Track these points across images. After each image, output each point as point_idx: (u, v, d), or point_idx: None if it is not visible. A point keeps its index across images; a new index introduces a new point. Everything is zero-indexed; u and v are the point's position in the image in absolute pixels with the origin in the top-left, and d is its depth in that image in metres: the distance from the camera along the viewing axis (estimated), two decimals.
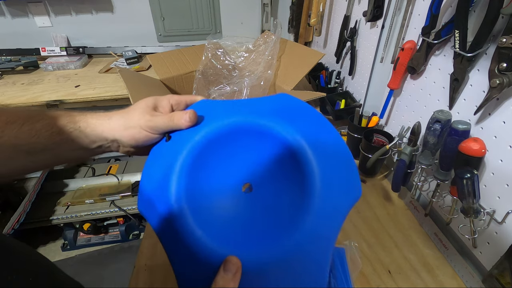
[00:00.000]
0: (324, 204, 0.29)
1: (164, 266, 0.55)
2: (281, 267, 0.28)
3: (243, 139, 0.33)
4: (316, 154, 0.31)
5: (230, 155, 0.33)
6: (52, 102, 1.15)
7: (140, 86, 0.81)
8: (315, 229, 0.28)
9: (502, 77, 0.40)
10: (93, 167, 1.56)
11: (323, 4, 1.03)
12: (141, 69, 1.41)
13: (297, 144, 0.31)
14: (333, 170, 0.31)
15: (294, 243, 0.27)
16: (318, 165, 0.30)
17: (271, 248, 0.28)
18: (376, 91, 0.84)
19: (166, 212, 0.30)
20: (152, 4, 1.53)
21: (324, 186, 0.29)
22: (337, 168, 0.31)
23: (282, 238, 0.28)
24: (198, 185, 0.31)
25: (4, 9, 1.43)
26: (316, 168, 0.30)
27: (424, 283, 0.51)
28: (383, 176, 0.75)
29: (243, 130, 0.33)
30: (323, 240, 0.28)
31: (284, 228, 0.28)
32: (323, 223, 0.28)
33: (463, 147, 0.44)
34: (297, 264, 0.28)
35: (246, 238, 0.29)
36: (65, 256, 1.32)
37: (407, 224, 0.62)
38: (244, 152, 0.33)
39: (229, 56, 1.03)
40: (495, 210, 0.45)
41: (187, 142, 0.32)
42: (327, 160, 0.31)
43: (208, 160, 0.32)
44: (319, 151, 0.31)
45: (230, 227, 0.30)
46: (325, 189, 0.29)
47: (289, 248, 0.27)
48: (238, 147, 0.33)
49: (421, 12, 0.59)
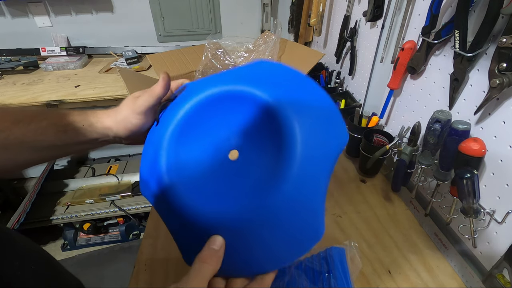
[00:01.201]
0: (309, 152, 0.29)
1: (164, 266, 0.55)
2: (277, 219, 0.28)
3: (223, 107, 0.34)
4: (295, 107, 0.31)
5: (213, 124, 0.34)
6: (52, 102, 1.15)
7: (140, 86, 0.81)
8: (303, 177, 0.28)
9: (502, 77, 0.40)
10: (93, 167, 1.56)
11: (323, 4, 1.03)
12: (141, 69, 1.41)
13: (273, 101, 0.31)
14: (316, 121, 0.31)
15: (285, 194, 0.28)
16: (299, 118, 0.30)
17: (263, 203, 0.28)
18: (376, 91, 0.84)
19: (158, 187, 0.32)
20: (152, 4, 1.53)
21: (308, 136, 0.29)
22: (321, 119, 0.31)
23: (273, 191, 0.28)
24: (185, 156, 0.32)
25: (4, 9, 1.43)
26: (296, 121, 0.30)
27: (424, 283, 0.51)
28: (383, 176, 0.75)
29: (221, 99, 0.34)
30: (313, 186, 0.29)
31: (273, 182, 0.28)
32: (310, 170, 0.29)
33: (463, 147, 0.44)
34: (292, 214, 0.28)
35: (237, 199, 0.30)
36: (65, 256, 1.31)
37: (407, 224, 0.62)
38: (226, 120, 0.34)
39: (229, 56, 1.04)
40: (495, 210, 0.45)
41: (172, 119, 0.34)
42: (308, 113, 0.31)
43: (193, 132, 0.34)
44: (299, 105, 0.31)
45: (220, 191, 0.31)
46: (309, 139, 0.29)
47: (281, 199, 0.28)
48: (220, 116, 0.34)
49: (421, 12, 0.59)
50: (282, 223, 0.28)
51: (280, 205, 0.28)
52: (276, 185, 0.28)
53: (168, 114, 0.35)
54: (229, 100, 0.34)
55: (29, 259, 0.28)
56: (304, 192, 0.28)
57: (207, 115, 0.34)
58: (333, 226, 0.62)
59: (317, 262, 0.49)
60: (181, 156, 0.32)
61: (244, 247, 0.29)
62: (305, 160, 0.28)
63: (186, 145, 0.33)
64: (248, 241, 0.28)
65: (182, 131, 0.33)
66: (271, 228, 0.28)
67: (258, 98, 0.32)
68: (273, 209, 0.28)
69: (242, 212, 0.28)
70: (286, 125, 0.30)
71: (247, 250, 0.29)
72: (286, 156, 0.29)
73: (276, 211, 0.28)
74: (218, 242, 0.27)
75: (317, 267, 0.49)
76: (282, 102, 0.31)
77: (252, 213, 0.28)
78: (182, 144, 0.33)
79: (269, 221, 0.28)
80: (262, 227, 0.28)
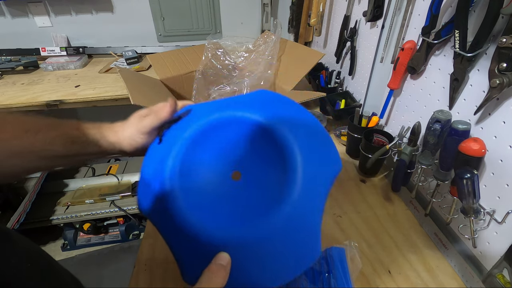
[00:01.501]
0: (307, 178, 0.31)
1: (164, 266, 0.55)
2: (275, 240, 0.29)
3: (226, 131, 0.36)
4: (294, 134, 0.33)
5: (217, 147, 0.36)
6: (52, 102, 1.15)
7: (140, 86, 0.81)
8: (302, 201, 0.30)
9: (502, 77, 0.40)
10: (93, 167, 1.56)
11: (323, 4, 1.03)
12: (141, 69, 1.41)
13: (274, 126, 0.34)
14: (312, 147, 0.33)
15: (284, 216, 0.29)
16: (297, 143, 0.32)
17: (263, 223, 0.29)
18: (376, 91, 0.84)
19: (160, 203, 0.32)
20: (152, 4, 1.53)
21: (305, 161, 0.31)
22: (316, 145, 0.34)
23: (272, 212, 0.29)
24: (189, 175, 0.34)
25: (4, 9, 1.43)
26: (295, 145, 0.32)
27: (424, 283, 0.51)
28: (383, 176, 0.75)
29: (224, 123, 0.36)
30: (312, 207, 0.30)
31: (273, 203, 0.30)
32: (308, 195, 0.30)
33: (463, 147, 0.44)
34: (292, 233, 0.29)
35: (237, 217, 0.31)
36: (65, 256, 1.31)
37: (407, 224, 0.62)
38: (229, 143, 0.36)
39: (229, 56, 1.03)
40: (495, 210, 0.45)
41: (177, 139, 0.36)
42: (305, 139, 0.33)
43: (197, 153, 0.35)
44: (297, 131, 0.34)
45: (222, 210, 0.32)
46: (307, 164, 0.31)
47: (280, 220, 0.29)
48: (223, 139, 0.36)
49: (421, 12, 0.59)
50: (283, 242, 0.29)
51: (282, 225, 0.29)
52: (278, 206, 0.29)
53: (172, 134, 0.37)
54: (231, 124, 0.36)
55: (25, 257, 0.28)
56: (304, 213, 0.30)
57: (211, 138, 0.36)
58: (333, 226, 0.62)
59: (317, 262, 0.49)
60: (185, 174, 0.33)
61: (244, 265, 0.29)
62: (305, 182, 0.30)
63: (190, 165, 0.34)
64: (249, 259, 0.29)
65: (186, 151, 0.35)
66: (271, 247, 0.29)
67: (258, 123, 0.34)
68: (274, 228, 0.29)
69: (244, 231, 0.29)
70: (287, 148, 0.32)
71: (247, 268, 0.30)
72: (288, 178, 0.30)
73: (277, 231, 0.29)
74: (225, 259, 0.28)
75: (317, 267, 0.49)
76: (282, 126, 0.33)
77: (254, 232, 0.29)
78: (186, 163, 0.34)
79: (270, 240, 0.29)
80: (263, 246, 0.29)
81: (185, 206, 0.31)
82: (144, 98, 0.70)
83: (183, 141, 0.35)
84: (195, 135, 0.35)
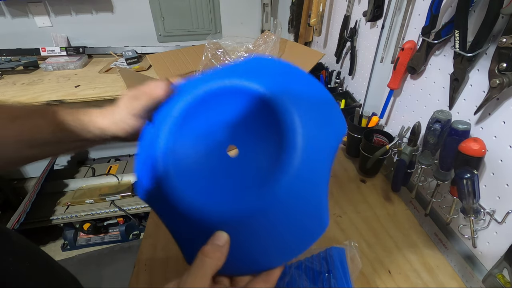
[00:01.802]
0: (309, 142, 0.28)
1: (164, 266, 0.55)
2: (280, 211, 0.27)
3: (220, 103, 0.34)
4: (293, 99, 0.31)
5: (211, 120, 0.34)
6: (52, 102, 1.15)
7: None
8: (304, 168, 0.28)
9: (502, 77, 0.40)
10: (93, 167, 1.56)
11: (323, 4, 1.03)
12: (141, 69, 1.41)
13: (270, 93, 0.31)
14: (314, 112, 0.31)
15: (287, 185, 0.27)
16: (298, 109, 0.30)
17: (266, 195, 0.27)
18: (376, 91, 0.84)
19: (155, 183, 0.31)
20: (152, 4, 1.53)
21: (307, 126, 0.29)
22: (319, 110, 0.31)
23: (270, 183, 0.27)
24: (183, 152, 0.32)
25: (4, 9, 1.43)
26: (295, 111, 0.30)
27: (424, 283, 0.51)
28: (383, 176, 0.75)
29: (217, 94, 0.34)
30: (315, 178, 0.28)
31: (275, 173, 0.28)
32: (311, 162, 0.28)
33: (463, 147, 0.44)
34: (296, 205, 0.28)
35: (238, 193, 0.29)
36: (65, 256, 1.31)
37: (407, 224, 0.62)
38: (224, 115, 0.34)
39: (229, 56, 1.04)
40: (495, 210, 0.45)
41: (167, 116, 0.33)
42: (306, 103, 0.31)
43: (190, 128, 0.33)
44: (296, 96, 0.31)
45: (220, 186, 0.30)
46: (309, 129, 0.29)
47: (283, 190, 0.27)
48: (217, 111, 0.34)
49: (421, 12, 0.59)
50: (286, 215, 0.27)
51: (283, 196, 0.27)
52: (278, 176, 0.27)
53: (162, 112, 0.35)
54: (225, 95, 0.33)
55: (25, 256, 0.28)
56: (306, 182, 0.28)
57: (204, 111, 0.34)
58: (333, 226, 0.62)
59: (317, 262, 0.49)
60: (179, 152, 0.32)
61: (247, 243, 0.28)
62: (306, 150, 0.28)
63: (183, 141, 0.33)
64: (252, 236, 0.28)
65: (178, 127, 0.33)
66: (274, 221, 0.27)
67: (254, 91, 0.32)
68: (276, 201, 0.27)
69: (244, 206, 0.28)
70: (285, 116, 0.29)
71: (251, 246, 0.28)
72: (287, 147, 0.28)
73: (279, 203, 0.27)
74: (222, 239, 0.27)
75: (317, 267, 0.49)
76: (279, 93, 0.31)
77: (255, 206, 0.27)
78: (179, 140, 0.32)
79: (272, 213, 0.27)
80: (265, 221, 0.27)
81: (179, 185, 0.29)
82: None
83: (173, 118, 0.33)
84: (184, 110, 0.33)
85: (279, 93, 0.31)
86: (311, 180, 0.28)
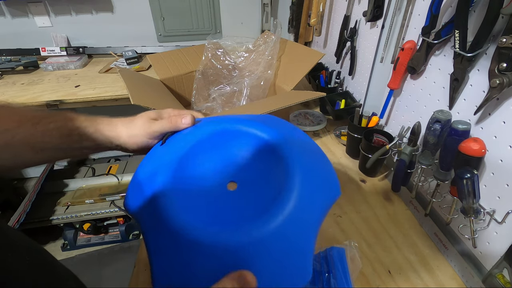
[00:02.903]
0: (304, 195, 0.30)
1: None
2: (264, 252, 0.28)
3: (228, 143, 0.37)
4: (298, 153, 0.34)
5: (217, 155, 0.36)
6: (52, 102, 1.15)
7: (140, 86, 0.81)
8: (295, 215, 0.29)
9: (502, 77, 0.40)
10: (93, 167, 1.56)
11: (323, 4, 1.03)
12: (141, 69, 1.41)
13: (277, 144, 0.35)
14: (314, 171, 0.33)
15: (275, 227, 0.28)
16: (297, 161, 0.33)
17: (254, 231, 0.28)
18: (376, 91, 0.84)
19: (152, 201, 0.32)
20: (152, 4, 1.53)
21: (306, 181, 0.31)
22: (319, 170, 0.34)
23: (260, 221, 0.29)
24: (187, 178, 0.34)
25: (4, 9, 1.43)
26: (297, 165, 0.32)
27: (424, 283, 0.51)
28: (383, 176, 0.75)
29: (228, 135, 0.37)
30: (304, 227, 0.30)
31: (263, 213, 0.30)
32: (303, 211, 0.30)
33: (463, 147, 0.44)
34: (280, 250, 0.29)
35: (229, 223, 0.30)
36: (65, 256, 1.32)
37: (407, 224, 0.62)
38: (230, 154, 0.37)
39: (229, 56, 1.03)
40: (495, 210, 0.45)
41: (180, 144, 0.36)
42: (305, 158, 0.34)
43: (197, 158, 0.36)
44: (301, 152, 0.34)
45: (215, 217, 0.31)
46: (306, 183, 0.31)
47: (270, 231, 0.28)
48: (224, 149, 0.37)
49: (421, 12, 0.59)
50: (271, 255, 0.28)
51: (271, 236, 0.28)
52: (268, 215, 0.29)
53: (176, 138, 0.38)
54: (235, 137, 0.37)
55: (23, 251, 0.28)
56: (296, 228, 0.29)
57: (212, 148, 0.37)
58: (333, 226, 0.62)
59: (317, 262, 0.49)
60: (182, 177, 0.34)
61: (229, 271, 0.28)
62: (300, 200, 0.30)
63: (188, 169, 0.35)
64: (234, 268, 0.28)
65: (187, 155, 0.35)
66: (259, 258, 0.28)
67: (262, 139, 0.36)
68: (263, 238, 0.28)
69: (234, 237, 0.28)
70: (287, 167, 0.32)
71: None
72: (283, 194, 0.30)
73: (266, 242, 0.28)
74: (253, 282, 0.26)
75: (317, 267, 0.49)
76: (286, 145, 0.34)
77: (243, 240, 0.28)
78: (185, 167, 0.35)
79: (258, 250, 0.28)
80: (250, 256, 0.28)
81: (176, 207, 0.30)
82: (144, 98, 0.70)
83: (186, 145, 0.36)
84: (198, 141, 0.36)
85: (282, 143, 0.35)
86: (300, 228, 0.30)
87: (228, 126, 0.38)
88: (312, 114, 0.98)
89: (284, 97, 0.82)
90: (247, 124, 0.37)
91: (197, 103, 0.97)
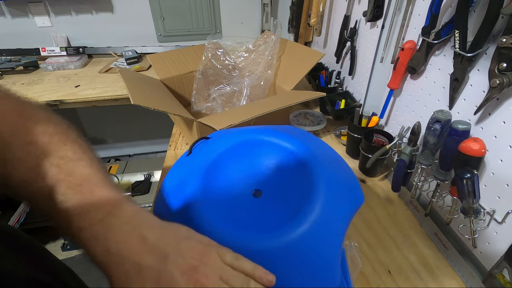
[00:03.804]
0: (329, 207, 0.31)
1: None
2: (290, 258, 0.29)
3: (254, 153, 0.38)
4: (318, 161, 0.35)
5: (243, 165, 0.38)
6: (52, 102, 1.15)
7: (140, 86, 0.81)
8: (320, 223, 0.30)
9: (502, 77, 0.40)
10: None
11: (323, 4, 1.03)
12: (141, 69, 1.41)
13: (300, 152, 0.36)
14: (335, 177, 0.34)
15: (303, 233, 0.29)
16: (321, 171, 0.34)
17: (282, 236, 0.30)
18: (376, 91, 0.84)
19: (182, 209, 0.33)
20: (152, 4, 1.53)
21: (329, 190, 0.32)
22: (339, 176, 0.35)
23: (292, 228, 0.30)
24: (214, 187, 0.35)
25: (4, 9, 1.43)
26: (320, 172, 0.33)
27: (424, 283, 0.51)
28: (383, 176, 0.75)
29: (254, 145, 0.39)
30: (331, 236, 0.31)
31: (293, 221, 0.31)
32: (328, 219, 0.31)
33: (463, 147, 0.44)
34: (306, 257, 0.29)
35: (256, 229, 0.31)
36: (65, 256, 1.32)
37: (407, 224, 0.62)
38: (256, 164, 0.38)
39: (229, 56, 1.03)
40: (495, 210, 0.45)
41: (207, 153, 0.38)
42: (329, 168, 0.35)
43: (223, 167, 0.37)
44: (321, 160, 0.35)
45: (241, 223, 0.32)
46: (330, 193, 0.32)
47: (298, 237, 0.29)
48: (250, 159, 0.38)
49: (421, 12, 0.59)
50: (297, 263, 0.29)
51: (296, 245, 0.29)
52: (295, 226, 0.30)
53: (202, 148, 0.39)
54: (260, 147, 0.38)
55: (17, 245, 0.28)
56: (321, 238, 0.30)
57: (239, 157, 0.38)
58: None
59: None
60: (211, 185, 0.35)
61: None
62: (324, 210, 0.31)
63: (216, 177, 0.36)
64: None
65: (215, 165, 0.37)
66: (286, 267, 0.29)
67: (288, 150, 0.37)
68: (290, 247, 0.29)
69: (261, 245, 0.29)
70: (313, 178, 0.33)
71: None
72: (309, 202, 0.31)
73: (292, 250, 0.29)
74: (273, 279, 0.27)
75: None
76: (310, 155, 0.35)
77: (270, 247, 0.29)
78: (213, 176, 0.36)
79: (285, 258, 0.29)
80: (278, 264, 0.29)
81: (205, 214, 0.32)
82: (144, 98, 0.69)
83: (212, 154, 0.37)
84: (224, 151, 0.38)
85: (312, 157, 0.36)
86: (326, 234, 0.31)
87: (251, 137, 0.39)
88: (312, 114, 0.98)
89: (284, 97, 0.82)
90: (270, 134, 0.39)
91: (197, 103, 0.96)
